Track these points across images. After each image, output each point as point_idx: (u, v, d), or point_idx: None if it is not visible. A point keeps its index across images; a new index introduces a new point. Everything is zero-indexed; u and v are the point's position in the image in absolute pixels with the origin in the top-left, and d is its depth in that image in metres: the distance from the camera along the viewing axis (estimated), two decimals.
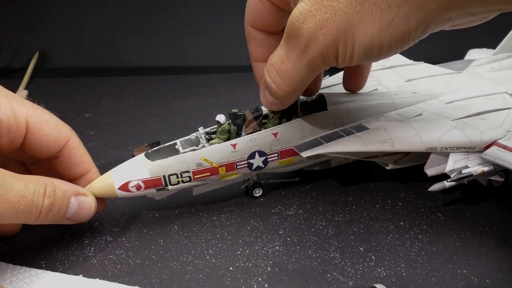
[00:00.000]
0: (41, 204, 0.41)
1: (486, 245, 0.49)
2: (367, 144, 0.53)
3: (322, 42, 0.35)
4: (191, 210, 0.58)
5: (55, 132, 0.46)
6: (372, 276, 0.45)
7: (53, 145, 0.46)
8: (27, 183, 0.40)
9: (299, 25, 0.36)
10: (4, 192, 0.38)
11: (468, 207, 0.57)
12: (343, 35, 0.34)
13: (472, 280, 0.44)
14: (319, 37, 0.35)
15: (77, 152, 0.49)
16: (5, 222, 0.39)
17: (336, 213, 0.56)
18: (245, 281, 0.45)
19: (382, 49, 0.35)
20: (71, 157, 0.48)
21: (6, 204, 0.38)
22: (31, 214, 0.41)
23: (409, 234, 0.52)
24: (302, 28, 0.36)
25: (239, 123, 0.54)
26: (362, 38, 0.34)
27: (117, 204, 0.60)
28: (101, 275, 0.47)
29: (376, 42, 0.34)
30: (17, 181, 0.39)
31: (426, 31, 0.34)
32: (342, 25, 0.33)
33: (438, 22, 0.33)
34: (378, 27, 0.33)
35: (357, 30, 0.33)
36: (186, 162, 0.52)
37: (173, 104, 1.04)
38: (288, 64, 0.40)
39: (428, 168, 0.55)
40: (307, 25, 0.35)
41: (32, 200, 0.40)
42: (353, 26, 0.33)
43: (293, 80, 0.42)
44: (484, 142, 0.53)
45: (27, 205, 0.40)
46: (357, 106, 0.59)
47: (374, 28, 0.33)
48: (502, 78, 0.70)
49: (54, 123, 0.47)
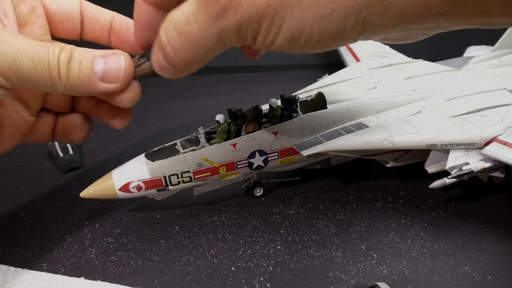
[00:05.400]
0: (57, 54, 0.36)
1: (487, 242, 0.49)
2: (367, 142, 0.53)
3: (244, 12, 0.30)
4: (192, 211, 0.58)
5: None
6: (374, 274, 0.45)
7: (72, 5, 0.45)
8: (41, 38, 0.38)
9: None
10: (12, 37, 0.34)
11: (469, 204, 0.57)
12: (272, 12, 0.29)
13: (474, 277, 0.44)
14: (243, 5, 0.29)
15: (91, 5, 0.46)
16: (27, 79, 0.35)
17: (337, 211, 0.56)
18: (247, 281, 0.45)
19: (310, 41, 0.31)
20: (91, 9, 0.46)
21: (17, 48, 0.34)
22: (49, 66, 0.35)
23: (411, 232, 0.52)
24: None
25: (239, 123, 0.54)
26: (293, 23, 0.30)
27: (118, 205, 0.60)
28: (102, 277, 0.47)
29: (307, 31, 0.30)
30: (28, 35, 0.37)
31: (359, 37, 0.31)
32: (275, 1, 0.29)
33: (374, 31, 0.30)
34: (314, 14, 0.29)
35: (290, 10, 0.29)
36: (186, 162, 0.52)
37: (172, 105, 1.04)
38: (194, 27, 0.32)
39: (429, 165, 0.55)
40: None
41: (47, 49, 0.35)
42: (287, 4, 0.29)
43: (196, 49, 0.34)
44: (484, 139, 0.53)
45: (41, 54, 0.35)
46: (357, 104, 0.59)
47: (310, 14, 0.29)
48: (501, 74, 0.71)
49: None
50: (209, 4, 0.30)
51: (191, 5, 0.32)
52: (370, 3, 0.28)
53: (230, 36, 0.32)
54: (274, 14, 0.29)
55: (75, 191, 0.63)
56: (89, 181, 0.52)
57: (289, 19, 0.29)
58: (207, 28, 0.31)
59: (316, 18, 0.29)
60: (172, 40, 0.34)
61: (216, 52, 0.34)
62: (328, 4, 0.28)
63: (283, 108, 0.56)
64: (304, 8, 0.29)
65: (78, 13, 0.45)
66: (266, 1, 0.29)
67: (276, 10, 0.29)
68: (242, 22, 0.30)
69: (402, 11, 0.28)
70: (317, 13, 0.29)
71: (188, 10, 0.32)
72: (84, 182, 0.53)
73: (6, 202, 0.62)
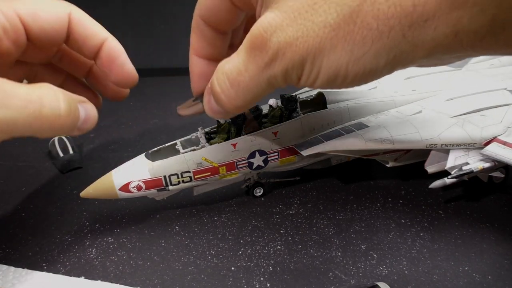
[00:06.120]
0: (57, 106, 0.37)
1: (487, 242, 0.49)
2: (367, 142, 0.53)
3: (289, 59, 0.34)
4: (192, 211, 0.58)
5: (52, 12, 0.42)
6: (374, 274, 0.45)
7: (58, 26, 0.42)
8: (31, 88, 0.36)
9: (267, 37, 0.33)
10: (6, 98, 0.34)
11: (469, 204, 0.56)
12: (312, 58, 0.33)
13: (474, 277, 0.44)
14: (287, 54, 0.33)
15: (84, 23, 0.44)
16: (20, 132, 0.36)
17: (337, 211, 0.56)
18: (247, 281, 0.45)
19: (346, 80, 0.34)
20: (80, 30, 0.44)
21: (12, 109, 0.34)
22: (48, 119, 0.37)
23: (411, 232, 0.52)
24: (270, 41, 0.33)
25: (239, 123, 0.54)
26: (330, 65, 0.33)
27: (118, 205, 0.60)
28: (103, 277, 0.47)
29: (342, 72, 0.33)
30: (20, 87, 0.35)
31: (392, 70, 0.34)
32: (313, 47, 0.32)
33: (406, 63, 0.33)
34: (348, 57, 0.32)
35: (326, 55, 0.32)
36: (186, 162, 0.52)
37: (172, 105, 1.03)
38: (245, 76, 0.36)
39: (429, 165, 0.55)
40: (276, 39, 0.33)
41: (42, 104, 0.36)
42: (323, 50, 0.32)
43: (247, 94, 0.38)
44: (484, 139, 0.53)
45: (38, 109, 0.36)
46: (357, 104, 0.59)
47: (344, 58, 0.32)
48: (501, 74, 0.70)
49: (47, 3, 0.42)
50: (258, 56, 0.34)
51: (241, 57, 0.36)
52: (400, 43, 0.30)
53: (278, 80, 0.36)
54: (313, 59, 0.33)
55: (75, 191, 0.64)
56: (89, 181, 0.52)
57: (326, 63, 0.33)
58: (258, 76, 0.36)
59: (350, 61, 0.32)
60: (226, 89, 0.38)
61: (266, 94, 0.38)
62: (360, 48, 0.31)
63: (283, 108, 0.56)
64: (339, 52, 0.32)
65: (62, 37, 0.44)
66: (306, 49, 0.32)
67: (314, 56, 0.33)
68: (287, 68, 0.34)
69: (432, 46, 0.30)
70: (350, 56, 0.32)
71: (238, 61, 0.36)
72: (84, 182, 0.53)
73: (6, 202, 0.62)
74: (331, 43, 0.32)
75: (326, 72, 0.34)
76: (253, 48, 0.35)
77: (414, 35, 0.30)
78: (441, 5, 0.28)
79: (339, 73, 0.33)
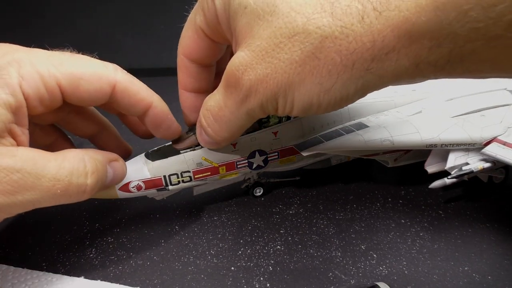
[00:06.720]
0: (84, 183, 0.38)
1: (487, 242, 0.49)
2: (367, 142, 0.53)
3: (262, 95, 0.35)
4: (192, 210, 0.58)
5: (95, 84, 0.41)
6: (374, 274, 0.45)
7: (98, 96, 0.42)
8: (62, 163, 0.36)
9: (239, 76, 0.35)
10: (35, 179, 0.34)
11: (469, 204, 0.57)
12: (283, 92, 0.35)
13: (474, 277, 0.44)
14: (259, 90, 0.35)
15: (128, 93, 0.43)
16: (44, 206, 0.37)
17: (337, 211, 0.56)
18: (247, 281, 0.45)
19: (321, 108, 0.36)
20: (125, 100, 0.44)
21: (39, 191, 0.35)
22: (71, 195, 0.38)
23: (410, 232, 0.52)
24: (242, 79, 0.35)
25: None
26: (302, 97, 0.35)
27: (117, 205, 0.60)
28: (102, 277, 0.47)
29: (315, 102, 0.35)
30: (50, 162, 0.36)
31: (364, 95, 0.35)
32: (283, 83, 0.34)
33: (376, 88, 0.34)
34: (318, 89, 0.33)
35: (297, 89, 0.34)
36: (186, 162, 0.52)
37: (172, 105, 1.03)
38: (226, 111, 0.39)
39: (429, 165, 0.55)
40: (247, 77, 0.35)
41: (70, 182, 0.37)
42: (293, 85, 0.34)
43: (231, 127, 0.41)
44: (484, 139, 0.53)
45: (64, 188, 0.37)
46: (357, 104, 0.59)
47: (314, 90, 0.34)
48: None
49: (90, 73, 0.41)
50: (234, 93, 0.37)
51: (220, 94, 0.39)
52: (365, 74, 0.32)
53: (256, 112, 0.38)
54: (285, 93, 0.35)
55: None
56: None
57: (298, 95, 0.35)
58: (237, 111, 0.38)
59: (320, 92, 0.34)
60: (211, 123, 0.42)
61: (248, 125, 0.42)
62: (328, 80, 0.32)
63: None
64: (308, 85, 0.33)
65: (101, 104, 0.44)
66: (276, 85, 0.34)
67: (286, 91, 0.34)
68: (262, 102, 0.36)
69: (396, 75, 0.32)
70: (320, 88, 0.33)
71: (218, 98, 0.39)
72: None
73: None
74: (299, 77, 0.33)
75: (300, 103, 0.35)
76: (229, 86, 0.37)
77: (377, 67, 0.31)
78: (400, 39, 0.29)
79: (312, 103, 0.35)
